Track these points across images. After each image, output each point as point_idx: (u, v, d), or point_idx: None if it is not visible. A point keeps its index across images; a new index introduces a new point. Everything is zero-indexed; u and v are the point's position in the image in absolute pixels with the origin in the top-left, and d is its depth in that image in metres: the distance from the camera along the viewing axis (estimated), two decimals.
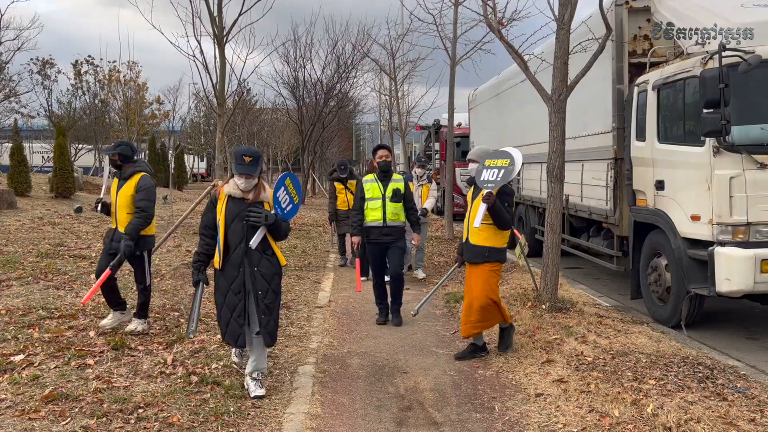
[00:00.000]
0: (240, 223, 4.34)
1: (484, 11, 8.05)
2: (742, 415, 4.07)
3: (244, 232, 4.34)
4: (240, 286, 4.37)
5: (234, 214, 4.37)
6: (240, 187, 4.36)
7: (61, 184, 17.74)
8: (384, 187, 6.63)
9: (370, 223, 6.60)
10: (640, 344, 5.68)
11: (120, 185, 5.88)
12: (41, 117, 30.85)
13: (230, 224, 4.36)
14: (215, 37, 9.43)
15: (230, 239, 4.38)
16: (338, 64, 23.41)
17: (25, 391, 4.32)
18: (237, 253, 4.36)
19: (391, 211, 6.57)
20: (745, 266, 5.65)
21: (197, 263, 4.54)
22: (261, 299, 4.35)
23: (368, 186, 6.66)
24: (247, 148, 4.48)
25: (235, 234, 4.36)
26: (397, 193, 6.59)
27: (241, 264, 4.36)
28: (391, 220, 6.58)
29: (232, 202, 4.38)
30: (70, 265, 9.07)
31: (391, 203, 6.57)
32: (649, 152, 6.98)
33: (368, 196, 6.61)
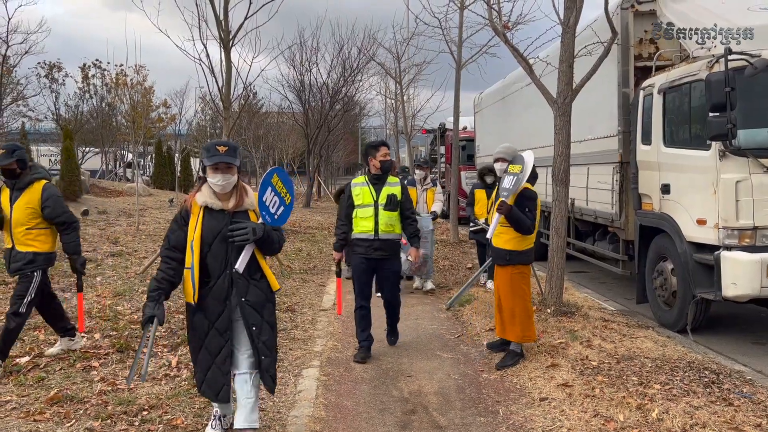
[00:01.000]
0: (222, 243, 3.44)
1: (490, 15, 8.06)
2: (748, 420, 4.04)
3: (229, 254, 3.46)
4: (226, 323, 3.47)
5: (214, 231, 3.44)
6: (216, 186, 3.45)
7: (68, 187, 17.81)
8: (376, 191, 5.45)
9: (358, 235, 5.50)
10: (645, 349, 5.65)
11: (15, 197, 4.91)
12: (49, 120, 31.05)
13: (209, 245, 3.44)
14: (221, 40, 9.47)
15: (210, 265, 3.45)
16: (344, 67, 23.45)
17: (31, 393, 4.34)
18: (220, 283, 3.45)
19: (384, 222, 5.41)
20: (751, 270, 5.62)
21: (155, 292, 3.40)
22: (256, 336, 3.49)
23: (358, 190, 5.50)
24: (219, 140, 3.65)
25: (216, 258, 3.45)
26: (392, 200, 5.43)
27: (227, 296, 3.47)
28: (385, 232, 5.43)
29: (209, 216, 3.46)
30: None
31: (384, 212, 5.41)
32: (655, 156, 6.96)
33: (357, 202, 5.48)
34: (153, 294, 3.39)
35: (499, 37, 7.78)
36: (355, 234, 5.54)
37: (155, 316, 3.32)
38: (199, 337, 3.51)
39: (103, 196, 21.77)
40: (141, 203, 16.32)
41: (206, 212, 3.45)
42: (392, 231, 5.49)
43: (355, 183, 5.61)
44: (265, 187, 3.56)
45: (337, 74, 23.71)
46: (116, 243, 11.84)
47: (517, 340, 5.36)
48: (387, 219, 5.43)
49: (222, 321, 3.47)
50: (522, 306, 5.31)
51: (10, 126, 26.70)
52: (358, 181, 5.63)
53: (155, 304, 3.36)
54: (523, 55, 7.42)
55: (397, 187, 5.53)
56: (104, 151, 34.64)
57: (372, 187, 5.48)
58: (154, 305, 3.35)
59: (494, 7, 7.94)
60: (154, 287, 3.40)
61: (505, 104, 13.31)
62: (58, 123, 30.41)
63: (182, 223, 3.50)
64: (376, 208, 5.42)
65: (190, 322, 3.56)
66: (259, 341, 3.50)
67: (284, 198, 3.67)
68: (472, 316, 7.05)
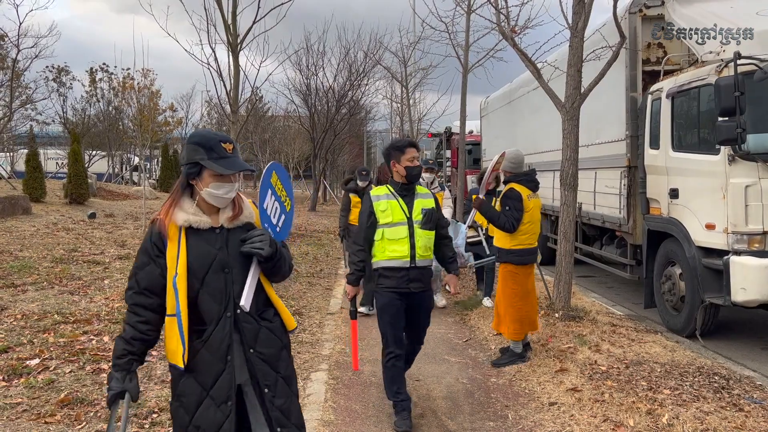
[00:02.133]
0: (219, 273, 2.43)
1: (497, 19, 8.07)
2: (759, 426, 4.03)
3: (229, 288, 2.45)
4: (227, 390, 2.43)
5: (207, 258, 2.43)
6: (219, 200, 2.47)
7: (75, 190, 17.92)
8: (408, 205, 4.21)
9: (386, 263, 4.17)
10: (654, 353, 5.63)
11: None
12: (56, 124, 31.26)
13: (201, 279, 2.42)
14: (230, 44, 9.51)
15: (204, 306, 2.43)
16: (350, 71, 23.54)
17: (41, 395, 4.36)
18: (219, 330, 2.42)
19: (422, 244, 4.17)
20: (760, 275, 5.60)
21: (124, 359, 2.40)
22: (269, 401, 2.50)
23: (383, 205, 4.20)
24: (215, 132, 2.63)
25: (213, 295, 2.43)
26: (430, 216, 4.21)
27: (228, 349, 2.43)
28: (423, 258, 4.19)
29: (196, 239, 2.43)
30: (84, 270, 9.15)
31: (422, 231, 4.18)
32: (663, 160, 6.95)
33: (385, 220, 4.17)
34: (121, 362, 2.38)
35: (506, 41, 7.79)
36: (381, 262, 4.20)
37: (126, 392, 2.36)
38: (186, 411, 2.43)
39: (109, 199, 21.87)
40: (148, 206, 16.37)
41: (190, 234, 2.42)
42: (429, 256, 4.29)
43: (378, 195, 4.27)
44: (266, 191, 2.58)
45: (344, 78, 23.81)
46: (123, 246, 11.88)
47: (505, 335, 5.55)
48: (425, 241, 4.20)
49: (221, 386, 2.42)
50: (506, 303, 5.46)
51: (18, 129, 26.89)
52: (381, 192, 4.29)
53: (125, 374, 2.38)
54: (531, 59, 7.42)
55: (430, 200, 4.31)
56: (111, 155, 34.80)
57: (401, 200, 4.21)
58: (123, 376, 2.37)
59: (502, 11, 7.95)
60: (122, 351, 2.39)
61: (512, 108, 13.31)
62: (66, 126, 30.60)
63: (155, 254, 2.42)
64: (411, 227, 4.16)
65: (177, 390, 2.48)
66: (273, 408, 2.50)
67: (284, 203, 2.69)
68: (479, 320, 7.04)
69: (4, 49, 19.57)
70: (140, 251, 2.47)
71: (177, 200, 2.49)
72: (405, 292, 4.18)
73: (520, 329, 5.42)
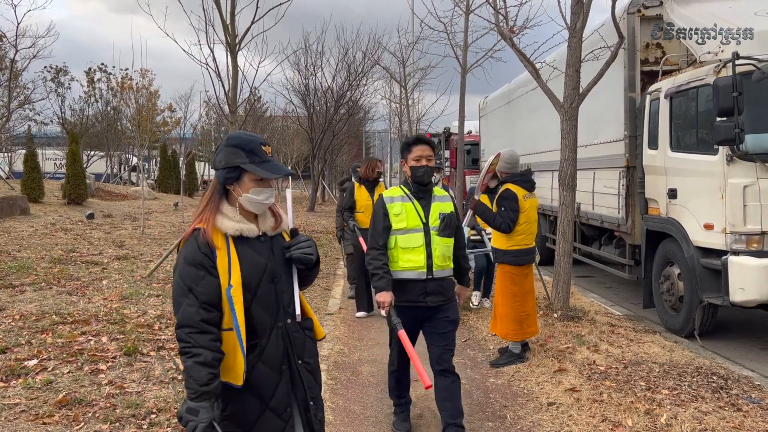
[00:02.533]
0: (271, 283, 2.33)
1: (496, 19, 8.07)
2: (757, 426, 4.03)
3: (279, 297, 2.35)
4: (285, 399, 2.35)
5: (259, 267, 2.30)
6: (260, 206, 2.35)
7: (74, 191, 17.91)
8: (424, 209, 3.79)
9: (401, 275, 3.75)
10: (652, 353, 5.64)
11: None
12: (54, 124, 31.24)
13: (254, 291, 2.28)
14: (228, 45, 9.50)
15: (257, 319, 2.29)
16: (349, 71, 23.54)
17: (39, 396, 4.35)
18: (274, 343, 2.33)
19: (440, 253, 3.75)
20: (759, 276, 5.61)
21: (212, 384, 2.12)
22: (314, 413, 2.43)
23: (397, 207, 3.78)
24: (254, 134, 2.45)
25: (266, 306, 2.31)
26: (449, 222, 3.77)
27: (283, 358, 2.36)
28: (440, 268, 3.77)
29: (246, 248, 2.30)
30: (83, 270, 9.13)
31: (440, 238, 3.75)
32: (662, 160, 6.96)
33: (399, 225, 3.76)
34: (209, 388, 2.11)
35: (505, 42, 7.79)
36: (394, 273, 3.77)
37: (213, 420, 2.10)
38: (244, 428, 2.30)
39: (108, 199, 21.84)
40: (146, 207, 16.36)
41: (238, 244, 2.28)
42: (448, 266, 3.85)
43: (391, 196, 3.85)
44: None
45: (342, 78, 23.81)
46: (122, 246, 11.87)
47: (500, 335, 5.59)
48: (443, 249, 3.77)
49: (280, 397, 2.33)
50: (505, 304, 5.49)
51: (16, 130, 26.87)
52: (395, 193, 3.86)
53: (213, 401, 2.13)
54: (529, 60, 7.43)
55: (449, 203, 3.89)
56: (109, 155, 34.78)
57: (417, 203, 3.79)
58: (212, 404, 2.12)
59: (500, 12, 7.95)
60: (208, 377, 2.11)
61: (511, 108, 13.32)
62: (64, 127, 30.58)
63: (210, 265, 2.22)
64: (428, 233, 3.74)
65: (227, 409, 2.27)
66: (316, 421, 2.44)
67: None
68: (477, 321, 7.04)
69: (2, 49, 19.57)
70: (188, 265, 2.21)
71: (217, 207, 2.31)
72: (420, 306, 3.74)
73: (519, 330, 5.41)
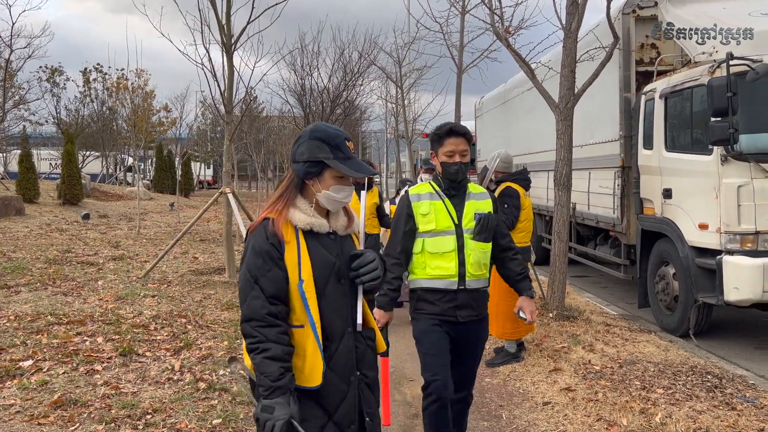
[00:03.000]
0: (338, 284, 2.19)
1: (492, 20, 8.08)
2: (751, 424, 4.05)
3: (347, 300, 2.22)
4: (352, 413, 2.20)
5: (327, 266, 2.17)
6: (337, 203, 2.23)
7: (69, 191, 17.88)
8: (457, 209, 3.27)
9: (428, 283, 3.25)
10: (647, 353, 5.66)
11: None
12: (49, 124, 31.13)
13: (323, 289, 2.15)
14: (224, 45, 9.48)
15: (327, 320, 2.15)
16: (345, 72, 23.49)
17: (34, 397, 4.34)
18: (344, 349, 2.18)
19: (475, 259, 3.22)
20: (753, 275, 5.63)
21: (284, 378, 2.02)
22: (372, 430, 2.27)
23: (425, 207, 3.28)
24: (338, 128, 2.30)
25: (336, 308, 2.18)
26: (485, 224, 3.21)
27: (351, 368, 2.20)
28: (474, 278, 3.24)
29: (315, 243, 2.17)
30: (78, 271, 9.12)
31: (475, 243, 3.22)
32: (657, 160, 6.98)
33: (426, 227, 3.25)
34: (282, 383, 2.00)
35: (501, 42, 7.81)
36: (420, 282, 3.28)
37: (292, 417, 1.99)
38: None
39: (103, 199, 21.81)
40: (142, 207, 16.34)
41: (308, 238, 2.16)
42: (483, 275, 3.30)
43: (418, 194, 3.34)
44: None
45: (338, 78, 23.76)
46: (117, 247, 11.84)
47: (495, 335, 5.51)
48: (478, 255, 3.23)
49: (346, 410, 2.16)
50: (497, 302, 5.40)
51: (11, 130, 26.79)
52: (423, 190, 3.36)
53: (288, 396, 2.02)
54: (525, 60, 7.44)
55: (487, 201, 3.33)
56: (105, 155, 34.70)
57: (447, 201, 3.27)
58: (287, 399, 2.01)
59: (496, 12, 7.96)
60: (279, 372, 2.00)
61: (507, 109, 13.34)
62: (59, 127, 30.49)
63: (277, 257, 2.10)
64: (460, 237, 3.22)
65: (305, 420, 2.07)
66: None
67: None
68: None
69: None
70: (254, 255, 2.10)
71: (292, 199, 2.20)
72: (450, 320, 3.22)
73: (515, 329, 5.43)
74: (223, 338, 5.89)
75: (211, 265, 10.20)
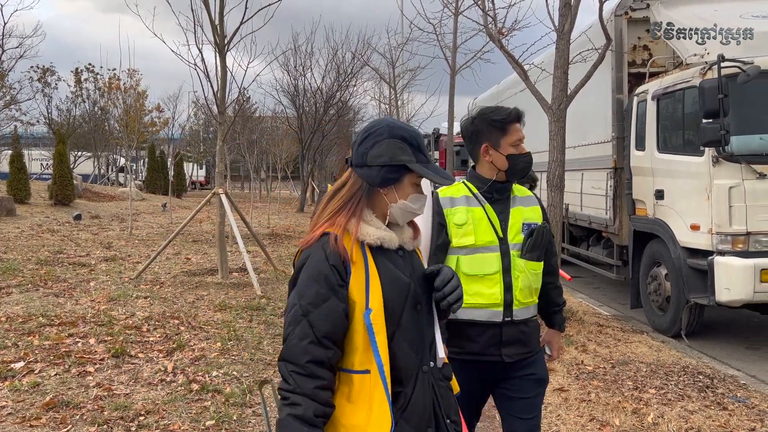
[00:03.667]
0: (414, 312, 1.75)
1: (485, 21, 8.10)
2: (743, 424, 4.08)
3: (424, 332, 1.78)
4: None
5: (403, 289, 1.74)
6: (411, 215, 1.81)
7: (61, 192, 17.79)
8: (500, 217, 2.52)
9: (464, 314, 2.46)
10: (640, 353, 5.69)
11: None
12: (41, 124, 30.98)
13: (398, 320, 1.71)
14: (216, 45, 9.47)
15: (401, 359, 1.71)
16: (338, 72, 23.53)
17: (26, 399, 4.31)
18: (420, 393, 1.74)
19: (525, 283, 2.50)
20: (744, 276, 5.67)
21: None
22: None
23: (461, 215, 2.51)
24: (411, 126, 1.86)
25: (412, 342, 1.74)
26: (539, 237, 2.51)
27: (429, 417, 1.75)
28: (523, 306, 2.51)
29: (385, 263, 1.73)
30: (70, 272, 9.07)
31: (525, 262, 2.49)
32: (649, 162, 7.01)
33: (462, 241, 2.49)
34: None
35: (494, 43, 7.83)
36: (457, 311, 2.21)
37: None
38: None
39: (95, 200, 21.70)
40: (134, 208, 16.27)
41: (377, 256, 1.73)
42: (533, 302, 2.57)
43: (452, 197, 2.55)
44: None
45: (331, 79, 23.79)
46: (109, 248, 11.79)
47: None
48: (529, 278, 2.51)
49: None
50: None
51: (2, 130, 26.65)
52: (457, 193, 2.56)
53: None
54: (518, 61, 7.46)
55: (536, 208, 2.62)
56: (97, 156, 34.55)
57: (488, 208, 2.52)
58: None
59: (489, 13, 7.98)
60: None
61: None
62: (51, 127, 30.35)
63: (338, 283, 1.66)
64: (506, 255, 2.48)
65: None
66: None
67: None
68: None
69: None
70: (307, 279, 1.66)
71: (359, 211, 1.74)
72: (491, 360, 2.49)
73: None
74: (216, 339, 5.87)
75: (204, 266, 10.17)
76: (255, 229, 12.45)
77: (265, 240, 13.10)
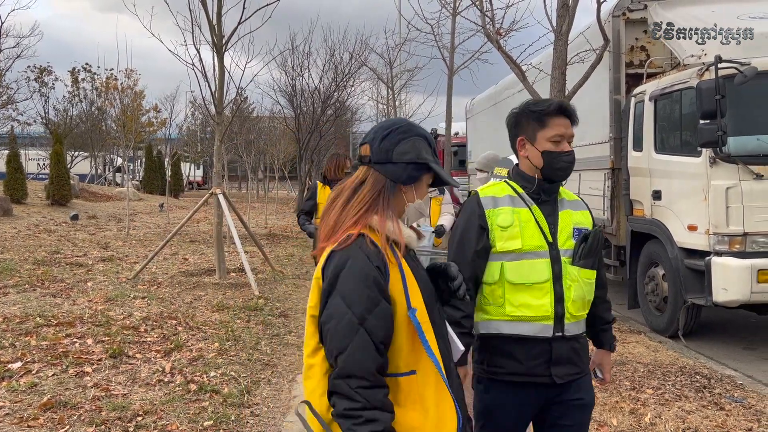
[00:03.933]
0: (435, 309, 1.72)
1: (483, 21, 8.11)
2: (739, 424, 4.09)
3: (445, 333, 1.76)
4: None
5: (429, 286, 1.75)
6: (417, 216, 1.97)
7: (57, 192, 17.76)
8: (549, 220, 2.25)
9: (509, 328, 2.20)
10: (637, 354, 5.70)
11: None
12: (38, 124, 30.92)
13: (431, 315, 1.66)
14: (214, 45, 9.46)
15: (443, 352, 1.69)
16: (336, 72, 23.49)
17: (24, 399, 4.31)
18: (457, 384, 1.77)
19: (577, 294, 2.21)
20: (741, 276, 5.68)
21: None
22: None
23: (505, 216, 2.23)
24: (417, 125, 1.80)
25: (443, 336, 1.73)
26: (594, 243, 2.25)
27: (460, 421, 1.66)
28: (576, 320, 2.24)
29: (409, 261, 1.71)
30: (67, 272, 9.05)
31: (577, 270, 2.22)
32: (646, 162, 7.03)
33: (507, 246, 2.20)
34: None
35: (492, 44, 7.84)
36: (495, 325, 2.24)
37: None
38: None
39: (92, 200, 21.67)
40: (131, 208, 16.25)
41: (409, 258, 1.72)
42: (584, 317, 2.32)
43: (494, 196, 2.30)
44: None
45: (329, 79, 23.75)
46: (106, 248, 11.78)
47: None
48: (582, 288, 2.25)
49: None
50: None
51: None
52: (500, 192, 2.31)
53: None
54: (516, 62, 7.47)
55: (585, 212, 2.41)
56: (94, 156, 34.49)
57: (535, 209, 2.27)
58: None
59: (487, 14, 7.99)
60: None
61: (498, 110, 13.37)
62: (48, 127, 30.29)
63: (384, 286, 1.58)
64: (557, 261, 2.21)
65: None
66: None
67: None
68: None
69: None
70: (356, 282, 1.55)
71: (385, 209, 1.67)
72: (542, 384, 2.21)
73: None
74: (214, 340, 5.87)
75: (202, 266, 10.16)
76: (252, 229, 12.45)
77: (262, 240, 13.10)
